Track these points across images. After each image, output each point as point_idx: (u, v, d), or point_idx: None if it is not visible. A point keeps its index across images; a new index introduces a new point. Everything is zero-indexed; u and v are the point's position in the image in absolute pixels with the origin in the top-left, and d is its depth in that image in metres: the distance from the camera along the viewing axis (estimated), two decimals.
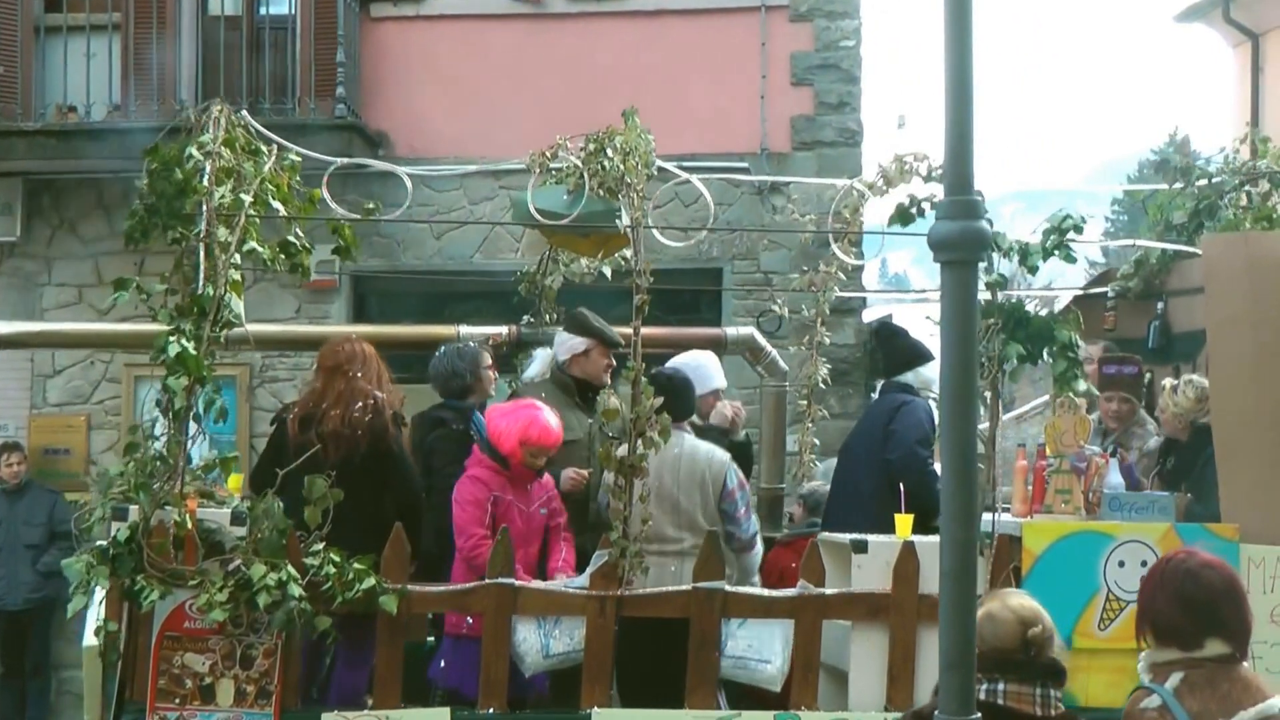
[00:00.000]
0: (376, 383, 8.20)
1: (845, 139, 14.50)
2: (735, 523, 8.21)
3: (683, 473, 8.11)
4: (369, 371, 8.24)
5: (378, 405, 8.09)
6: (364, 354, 8.32)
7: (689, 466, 8.13)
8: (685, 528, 8.05)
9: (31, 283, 14.54)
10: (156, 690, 7.27)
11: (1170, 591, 5.02)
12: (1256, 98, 19.73)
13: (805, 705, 7.53)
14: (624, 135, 8.18)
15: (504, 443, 7.93)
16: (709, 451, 8.29)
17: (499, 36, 14.75)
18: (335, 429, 8.03)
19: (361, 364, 8.26)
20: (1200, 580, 5.02)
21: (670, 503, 8.04)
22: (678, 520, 8.05)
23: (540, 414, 8.01)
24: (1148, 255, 10.14)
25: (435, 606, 7.78)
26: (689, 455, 8.17)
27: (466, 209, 14.29)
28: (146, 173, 7.66)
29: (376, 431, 8.05)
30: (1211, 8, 20.72)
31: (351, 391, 8.16)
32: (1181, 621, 4.98)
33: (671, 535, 8.01)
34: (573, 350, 8.84)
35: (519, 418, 7.98)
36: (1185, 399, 8.61)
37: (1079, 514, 7.85)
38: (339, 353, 8.34)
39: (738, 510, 8.21)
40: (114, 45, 14.18)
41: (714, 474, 8.17)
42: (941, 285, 4.40)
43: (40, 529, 13.45)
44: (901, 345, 9.30)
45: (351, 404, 8.11)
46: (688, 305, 13.93)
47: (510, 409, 8.10)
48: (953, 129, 4.38)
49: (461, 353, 8.84)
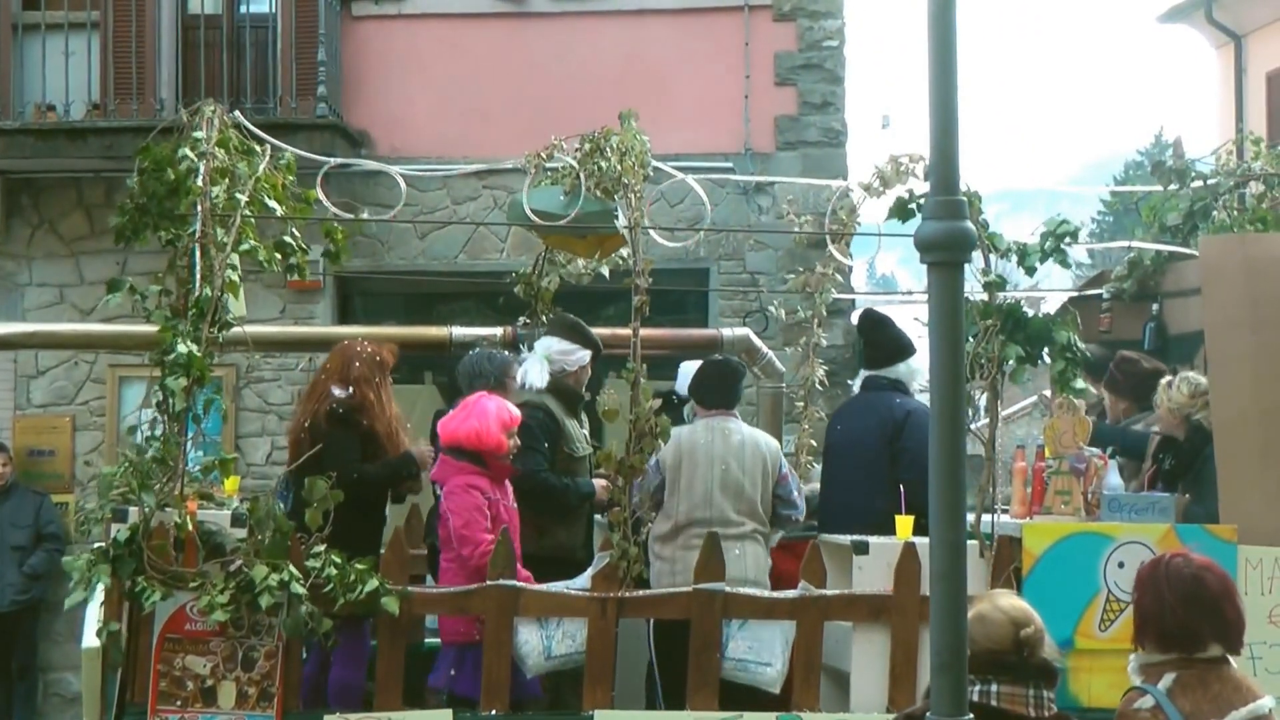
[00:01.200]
0: (341, 381, 8.25)
1: (829, 139, 14.50)
2: (791, 505, 8.41)
3: (748, 459, 8.25)
4: (334, 369, 8.34)
5: (321, 405, 8.16)
6: (337, 352, 8.43)
7: (753, 452, 8.29)
8: (746, 513, 8.19)
9: (12, 282, 14.43)
10: (158, 692, 7.26)
11: (1179, 596, 5.05)
12: (1240, 99, 19.83)
13: (807, 707, 7.55)
14: (620, 136, 8.17)
15: (488, 438, 7.88)
16: (766, 438, 8.51)
17: (481, 35, 14.70)
18: (293, 426, 8.38)
19: (330, 363, 8.40)
20: (1206, 583, 5.05)
21: (735, 488, 8.19)
22: (739, 505, 8.18)
23: (491, 399, 8.06)
24: (1142, 257, 10.15)
25: (437, 609, 7.77)
26: (751, 442, 8.34)
27: (450, 209, 14.24)
28: (137, 172, 7.62)
29: (315, 431, 8.11)
30: (1194, 9, 20.82)
31: (313, 394, 8.34)
32: (1194, 625, 5.01)
33: (734, 519, 8.13)
34: (580, 362, 8.80)
35: (482, 411, 7.95)
36: (1180, 394, 8.64)
37: (1079, 515, 7.88)
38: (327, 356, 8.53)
39: (791, 493, 8.41)
40: (93, 44, 14.08)
41: (773, 459, 8.36)
42: (929, 286, 4.42)
43: (26, 531, 13.35)
44: (890, 336, 9.12)
45: (307, 405, 8.29)
46: (675, 306, 13.91)
47: (463, 412, 8.01)
48: (937, 129, 4.39)
49: (492, 357, 8.78)
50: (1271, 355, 7.81)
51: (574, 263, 9.56)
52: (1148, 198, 10.60)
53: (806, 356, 10.18)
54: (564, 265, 9.61)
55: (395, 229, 13.94)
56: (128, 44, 14.04)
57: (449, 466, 7.95)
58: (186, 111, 7.92)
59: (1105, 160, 62.28)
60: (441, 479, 7.97)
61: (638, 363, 7.61)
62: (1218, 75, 21.27)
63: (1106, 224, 34.15)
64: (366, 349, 8.37)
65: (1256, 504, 7.70)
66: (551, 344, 8.79)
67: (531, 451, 8.34)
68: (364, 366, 8.29)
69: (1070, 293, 10.96)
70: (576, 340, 8.79)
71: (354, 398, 8.19)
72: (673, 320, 13.24)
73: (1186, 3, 21.12)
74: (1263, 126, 17.75)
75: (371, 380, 8.31)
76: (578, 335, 8.82)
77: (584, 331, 8.85)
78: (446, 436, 8.00)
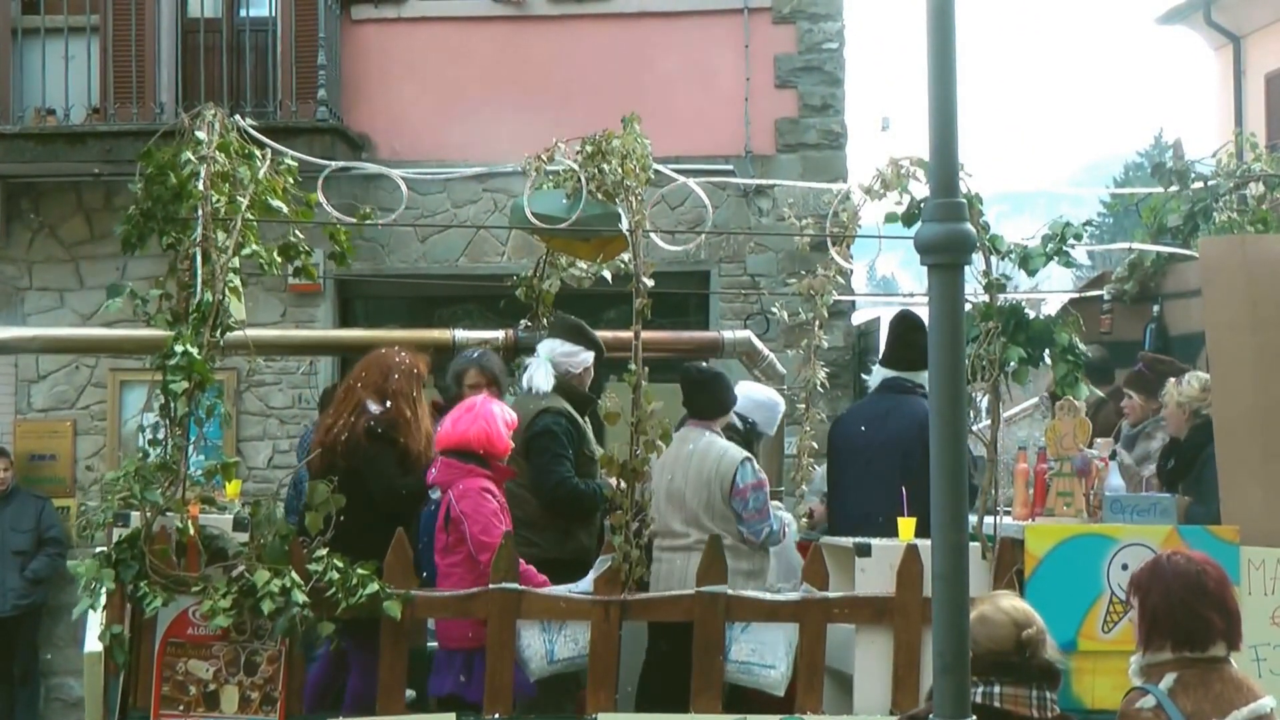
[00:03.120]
0: (377, 394, 8.12)
1: (829, 141, 14.50)
2: (742, 522, 8.20)
3: (691, 470, 8.20)
4: (369, 381, 8.18)
5: (358, 420, 8.05)
6: (372, 361, 8.30)
7: (698, 464, 8.21)
8: (690, 523, 8.14)
9: (12, 287, 14.43)
10: (160, 697, 7.24)
11: (1188, 591, 5.06)
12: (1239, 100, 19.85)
13: (811, 709, 7.53)
14: (622, 139, 8.17)
15: (499, 441, 7.88)
16: (722, 450, 8.31)
17: (480, 39, 14.71)
18: (320, 439, 8.14)
19: (365, 373, 8.25)
20: (1208, 577, 5.07)
21: (677, 499, 8.17)
22: (683, 515, 8.16)
23: (491, 402, 8.05)
24: (1142, 258, 10.16)
25: (439, 612, 7.74)
26: (700, 453, 8.25)
27: (450, 212, 14.24)
28: (141, 177, 7.61)
29: (351, 447, 8.02)
30: (1193, 10, 20.87)
31: (346, 403, 8.19)
32: (1204, 619, 5.02)
33: (678, 529, 8.12)
34: (585, 364, 8.79)
35: (489, 414, 7.92)
36: (1191, 388, 8.62)
37: (1081, 517, 7.88)
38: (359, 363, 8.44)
39: (745, 509, 8.19)
40: (93, 48, 14.09)
41: (721, 472, 8.19)
42: (929, 288, 4.43)
43: (27, 535, 13.39)
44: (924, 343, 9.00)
45: (340, 415, 8.14)
46: (676, 308, 13.90)
47: (469, 415, 7.94)
48: (937, 131, 4.40)
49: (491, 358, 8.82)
50: (1272, 356, 7.81)
51: (576, 265, 9.56)
52: (1148, 199, 10.62)
53: (808, 359, 10.16)
54: (565, 268, 9.61)
55: (395, 232, 13.95)
56: (127, 48, 14.05)
57: (456, 469, 7.84)
58: (187, 116, 7.91)
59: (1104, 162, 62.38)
60: (446, 482, 7.88)
61: (639, 365, 7.59)
62: (1216, 77, 21.31)
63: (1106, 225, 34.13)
64: (405, 361, 8.24)
65: (1259, 505, 7.70)
66: (555, 346, 8.78)
67: (560, 459, 8.35)
68: (402, 380, 8.17)
69: (1071, 294, 10.96)
70: (579, 342, 8.78)
71: (390, 413, 8.08)
72: (673, 323, 13.25)
73: (1185, 4, 21.17)
74: (1261, 127, 17.78)
75: (409, 395, 8.18)
76: (580, 337, 8.81)
77: (586, 333, 8.85)
78: (454, 439, 7.89)
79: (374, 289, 14.78)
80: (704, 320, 14.19)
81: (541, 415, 8.42)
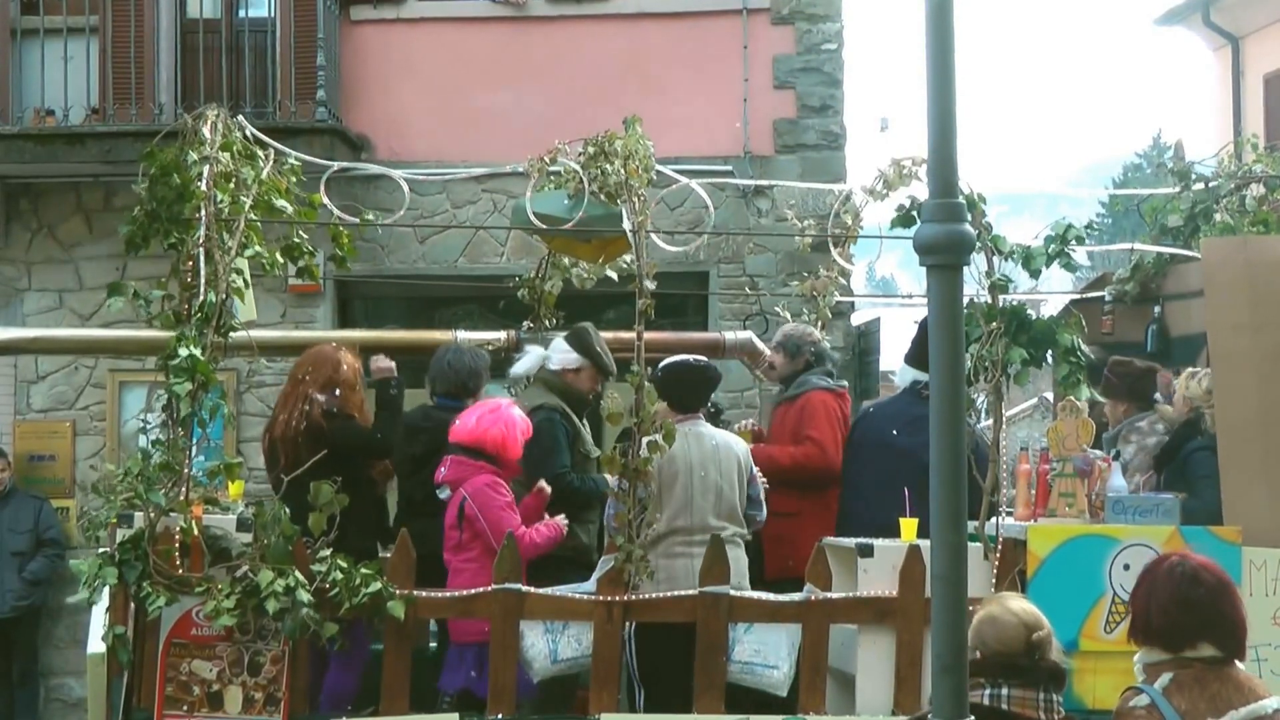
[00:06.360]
0: (325, 386, 8.37)
1: (828, 142, 14.49)
2: (758, 506, 8.37)
3: (723, 463, 8.20)
4: (318, 374, 8.43)
5: (312, 409, 8.27)
6: (318, 357, 8.53)
7: (727, 455, 8.24)
8: (726, 517, 8.15)
9: (11, 288, 14.41)
10: (164, 697, 7.25)
11: (1168, 595, 5.06)
12: (1237, 101, 19.87)
13: (813, 710, 7.54)
14: (624, 140, 8.18)
15: (513, 447, 7.97)
16: (736, 440, 8.47)
17: (479, 39, 14.69)
18: (280, 434, 8.34)
19: (312, 368, 8.48)
20: (1199, 583, 5.06)
21: (715, 493, 8.14)
22: (720, 510, 8.15)
23: (514, 408, 8.18)
24: (1143, 259, 10.16)
25: (442, 612, 7.75)
26: (724, 445, 8.28)
27: (450, 213, 14.23)
28: (146, 178, 7.62)
29: (312, 433, 8.19)
30: (1191, 11, 20.88)
31: (294, 396, 8.40)
32: (1176, 624, 5.01)
33: (715, 525, 8.07)
34: (565, 364, 8.82)
35: (510, 420, 8.02)
36: (1197, 388, 8.60)
37: (1083, 517, 7.89)
38: (300, 360, 8.66)
39: (759, 494, 8.40)
40: (92, 49, 14.05)
41: (745, 461, 8.33)
42: (928, 289, 4.43)
43: (26, 536, 13.36)
44: None
45: (291, 409, 8.34)
46: (675, 309, 13.90)
47: (490, 415, 8.06)
48: (936, 132, 4.41)
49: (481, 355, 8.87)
50: (1274, 357, 7.83)
51: (578, 266, 9.57)
52: (1149, 200, 10.62)
53: None
54: (569, 269, 9.62)
55: (395, 233, 13.93)
56: (126, 49, 14.02)
57: (466, 467, 7.97)
58: (188, 116, 7.92)
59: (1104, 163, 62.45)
60: (456, 479, 7.96)
61: (642, 366, 7.60)
62: (1215, 78, 21.32)
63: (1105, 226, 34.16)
64: (348, 355, 8.54)
65: (1261, 505, 7.71)
66: (557, 345, 8.90)
67: (554, 453, 8.42)
68: (349, 372, 8.48)
69: (1072, 295, 10.95)
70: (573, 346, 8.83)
71: (339, 400, 8.38)
72: (673, 323, 13.26)
73: (1184, 5, 21.18)
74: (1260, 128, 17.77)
75: (355, 385, 8.53)
76: (576, 343, 8.85)
77: (584, 341, 8.84)
78: (472, 435, 8.01)
79: (373, 289, 14.76)
80: (703, 321, 14.16)
81: (536, 411, 8.46)
